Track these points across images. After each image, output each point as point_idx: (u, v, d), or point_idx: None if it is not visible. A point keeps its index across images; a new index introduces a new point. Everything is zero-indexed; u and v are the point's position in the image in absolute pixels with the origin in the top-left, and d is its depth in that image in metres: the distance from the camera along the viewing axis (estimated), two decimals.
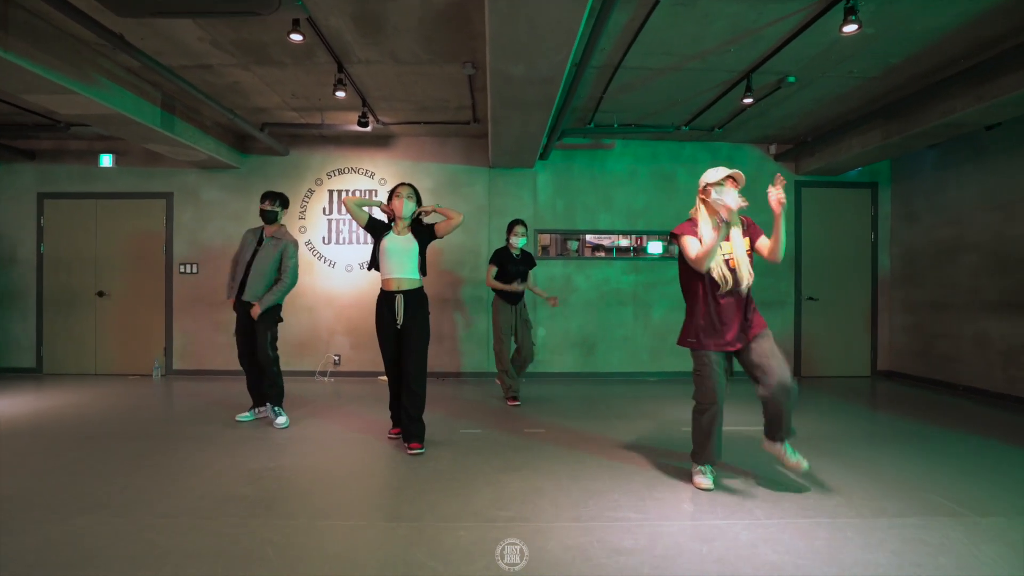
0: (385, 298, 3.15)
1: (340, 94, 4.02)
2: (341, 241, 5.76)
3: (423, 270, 3.25)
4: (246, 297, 3.61)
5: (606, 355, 5.84)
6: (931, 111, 4.15)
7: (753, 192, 5.80)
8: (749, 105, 4.37)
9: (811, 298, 5.95)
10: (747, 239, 2.57)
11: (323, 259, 5.75)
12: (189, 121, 4.73)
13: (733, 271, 2.47)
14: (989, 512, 2.29)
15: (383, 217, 3.32)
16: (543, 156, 5.63)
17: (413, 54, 3.78)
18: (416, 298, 3.17)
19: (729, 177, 2.45)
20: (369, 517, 2.26)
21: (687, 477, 2.69)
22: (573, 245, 5.90)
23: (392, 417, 3.37)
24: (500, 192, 5.76)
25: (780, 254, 2.49)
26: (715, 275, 2.45)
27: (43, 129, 5.14)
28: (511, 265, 4.26)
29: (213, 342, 5.73)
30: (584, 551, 1.95)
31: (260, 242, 3.67)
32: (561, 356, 5.80)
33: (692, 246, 2.48)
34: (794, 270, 5.94)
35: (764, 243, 2.55)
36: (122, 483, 2.58)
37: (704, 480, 2.56)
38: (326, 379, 5.54)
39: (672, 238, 2.60)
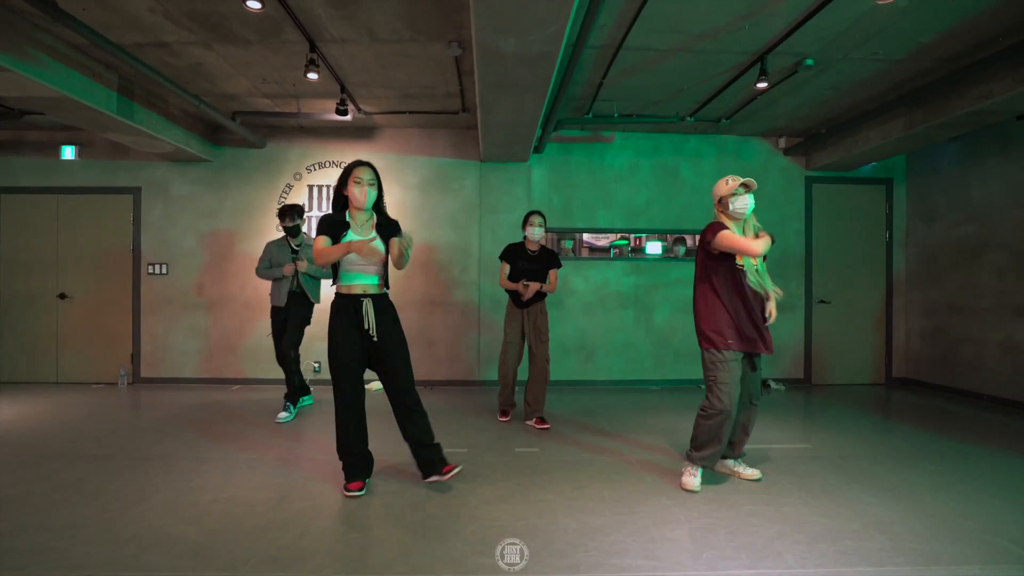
0: (349, 303, 2.49)
1: (312, 76, 3.63)
2: None
3: (386, 279, 2.61)
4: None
5: (606, 362, 5.47)
6: (963, 97, 3.80)
7: (761, 188, 5.53)
8: (763, 91, 4.01)
9: (822, 301, 5.60)
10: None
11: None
12: (152, 108, 4.34)
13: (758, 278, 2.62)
14: None
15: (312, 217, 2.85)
16: (538, 149, 5.27)
17: (392, 31, 3.40)
18: (385, 303, 2.57)
19: (742, 184, 2.56)
20: (326, 568, 1.88)
21: (701, 508, 2.33)
22: (568, 243, 5.53)
23: (346, 466, 2.55)
24: (492, 188, 5.39)
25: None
26: (750, 275, 2.56)
27: None
28: (522, 262, 3.71)
29: (184, 348, 5.33)
30: None
31: (294, 251, 4.04)
32: (558, 363, 5.40)
33: (736, 236, 2.50)
34: (804, 271, 5.59)
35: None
36: (38, 521, 2.19)
37: (694, 481, 2.57)
38: None
39: (707, 233, 2.57)
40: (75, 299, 5.34)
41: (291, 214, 3.99)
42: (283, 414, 3.90)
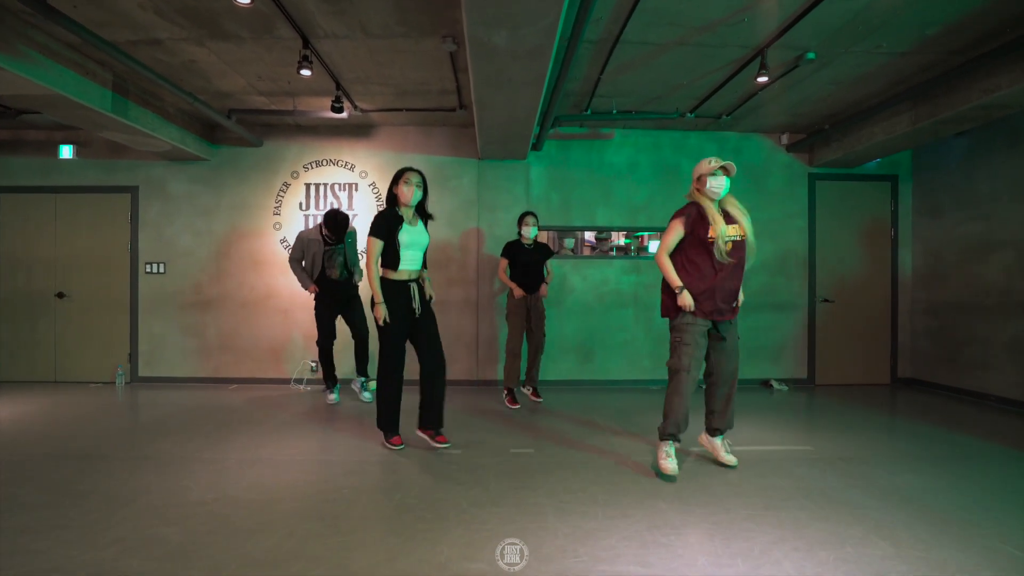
0: (402, 288, 3.07)
1: (306, 72, 3.59)
2: None
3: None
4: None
5: (605, 361, 5.41)
6: (971, 90, 3.71)
7: (763, 185, 5.46)
8: (763, 85, 3.95)
9: (826, 300, 5.52)
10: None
11: None
12: (147, 107, 4.32)
13: (735, 249, 2.73)
14: None
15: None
16: (536, 147, 5.21)
17: (384, 26, 3.36)
18: (421, 285, 3.19)
19: (722, 167, 2.74)
20: (309, 573, 1.83)
21: (697, 512, 2.27)
22: (569, 243, 5.47)
23: (391, 423, 3.19)
24: (490, 186, 5.34)
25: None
26: (715, 251, 2.69)
27: None
28: (524, 255, 4.28)
29: (182, 347, 5.32)
30: None
31: (326, 243, 4.20)
32: (556, 363, 5.37)
33: (669, 235, 2.82)
34: (807, 270, 5.51)
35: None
36: (23, 522, 2.16)
37: (670, 464, 2.68)
38: (302, 387, 5.13)
39: (671, 221, 2.84)
40: (73, 298, 5.33)
41: (339, 224, 4.16)
42: (332, 396, 4.40)
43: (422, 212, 3.23)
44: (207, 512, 2.27)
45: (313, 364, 5.25)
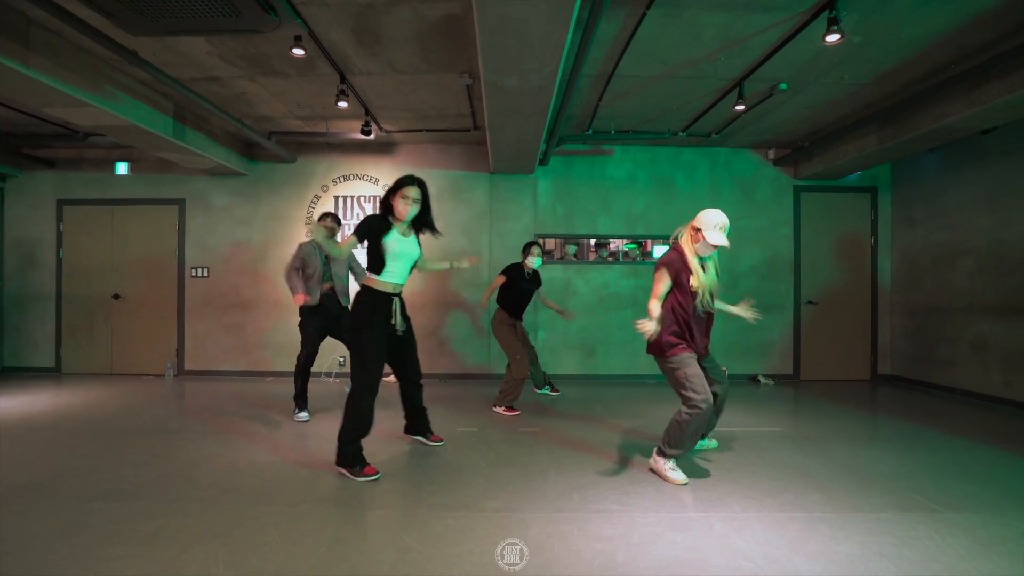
0: (383, 300, 2.80)
1: (343, 104, 4.17)
2: None
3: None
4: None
5: (605, 358, 5.92)
6: (924, 116, 4.20)
7: (752, 196, 5.95)
8: (742, 112, 4.45)
9: (810, 302, 5.99)
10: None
11: None
12: (199, 130, 4.92)
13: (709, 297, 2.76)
14: (962, 508, 2.35)
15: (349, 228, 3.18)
16: (543, 162, 5.75)
17: (411, 64, 3.92)
18: (402, 301, 2.92)
19: (723, 227, 2.71)
20: (365, 505, 2.37)
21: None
22: (572, 249, 6.00)
23: (356, 453, 2.75)
24: (501, 197, 5.89)
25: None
26: (697, 299, 2.71)
27: (62, 139, 5.37)
28: (523, 282, 4.29)
29: (223, 344, 5.91)
30: (564, 538, 2.05)
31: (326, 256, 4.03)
32: (561, 359, 5.89)
33: (658, 287, 2.72)
34: (793, 274, 5.98)
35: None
36: (134, 473, 2.73)
37: (679, 475, 2.66)
38: (332, 379, 5.69)
39: (657, 267, 2.76)
40: (127, 299, 5.95)
41: (333, 220, 4.03)
42: (303, 414, 3.93)
43: (426, 224, 2.96)
44: (275, 469, 2.82)
45: (341, 359, 5.81)
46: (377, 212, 2.92)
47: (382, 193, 5.89)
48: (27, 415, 4.02)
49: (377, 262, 2.79)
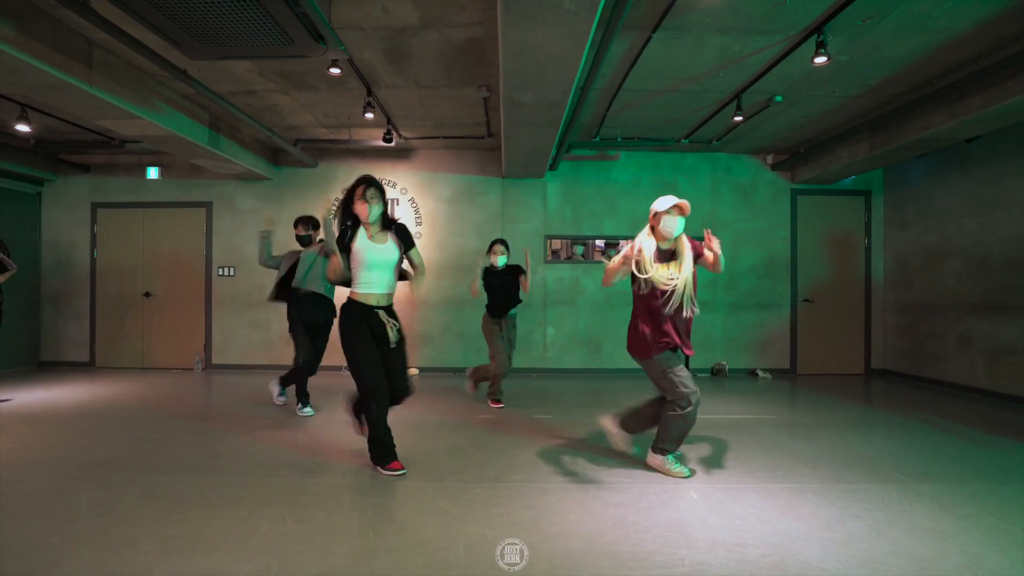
0: (363, 313, 2.64)
1: (369, 115, 4.49)
2: None
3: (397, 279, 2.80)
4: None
5: (612, 353, 6.22)
6: (910, 126, 4.50)
7: (751, 200, 6.25)
8: (740, 123, 4.75)
9: (807, 300, 6.28)
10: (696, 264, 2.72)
11: None
12: (231, 138, 5.24)
13: (676, 294, 2.62)
14: (932, 481, 2.65)
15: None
16: (552, 167, 6.05)
17: (434, 80, 4.23)
18: (393, 312, 2.74)
19: (675, 207, 2.61)
20: (400, 479, 2.68)
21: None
22: (579, 249, 6.30)
23: (387, 448, 2.74)
24: (513, 201, 6.19)
25: (720, 268, 2.78)
26: (658, 293, 2.64)
27: (99, 146, 5.70)
28: (493, 278, 4.33)
29: (248, 339, 6.23)
30: (581, 503, 2.36)
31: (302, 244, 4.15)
32: (569, 354, 6.20)
33: (615, 258, 2.76)
34: (790, 273, 6.28)
35: (708, 257, 2.76)
36: (190, 453, 3.05)
37: (680, 469, 2.71)
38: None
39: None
40: (158, 297, 6.28)
41: (304, 224, 4.10)
42: (307, 409, 4.05)
43: (391, 223, 2.75)
44: (317, 449, 3.13)
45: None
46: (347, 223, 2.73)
47: (400, 196, 6.24)
48: (74, 404, 4.35)
49: (353, 273, 2.67)
